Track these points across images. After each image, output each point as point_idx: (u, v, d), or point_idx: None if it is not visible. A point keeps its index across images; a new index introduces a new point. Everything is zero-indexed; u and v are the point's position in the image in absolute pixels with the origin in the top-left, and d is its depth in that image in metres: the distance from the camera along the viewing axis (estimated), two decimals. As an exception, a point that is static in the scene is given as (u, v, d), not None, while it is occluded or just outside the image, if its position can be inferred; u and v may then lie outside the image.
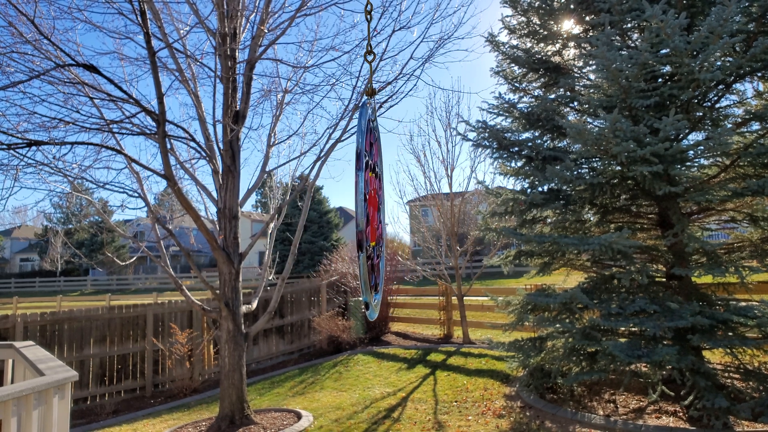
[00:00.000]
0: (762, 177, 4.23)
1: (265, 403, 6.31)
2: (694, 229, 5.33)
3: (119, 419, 6.42)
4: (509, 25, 6.25)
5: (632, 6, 4.61)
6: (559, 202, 4.99)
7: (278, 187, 7.59)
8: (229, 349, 5.28)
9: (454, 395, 5.62)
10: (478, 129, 5.62)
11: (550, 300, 4.63)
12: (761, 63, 3.98)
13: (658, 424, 4.00)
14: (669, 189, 4.04)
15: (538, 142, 5.64)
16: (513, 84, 6.22)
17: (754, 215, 4.79)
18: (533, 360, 5.11)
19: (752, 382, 4.15)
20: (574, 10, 5.56)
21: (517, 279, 16.89)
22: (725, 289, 4.72)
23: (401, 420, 4.97)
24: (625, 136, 4.03)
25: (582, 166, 5.16)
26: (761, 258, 4.42)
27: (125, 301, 20.72)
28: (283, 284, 6.09)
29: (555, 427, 4.25)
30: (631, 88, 4.25)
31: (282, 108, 6.15)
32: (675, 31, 3.88)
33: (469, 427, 4.55)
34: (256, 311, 8.30)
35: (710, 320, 3.87)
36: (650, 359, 3.83)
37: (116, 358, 7.51)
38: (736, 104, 5.02)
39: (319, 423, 5.10)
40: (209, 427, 5.18)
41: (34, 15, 3.58)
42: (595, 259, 5.29)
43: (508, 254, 5.74)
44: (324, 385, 6.89)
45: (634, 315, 4.17)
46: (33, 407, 2.81)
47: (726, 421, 3.76)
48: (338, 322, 9.28)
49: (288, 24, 5.51)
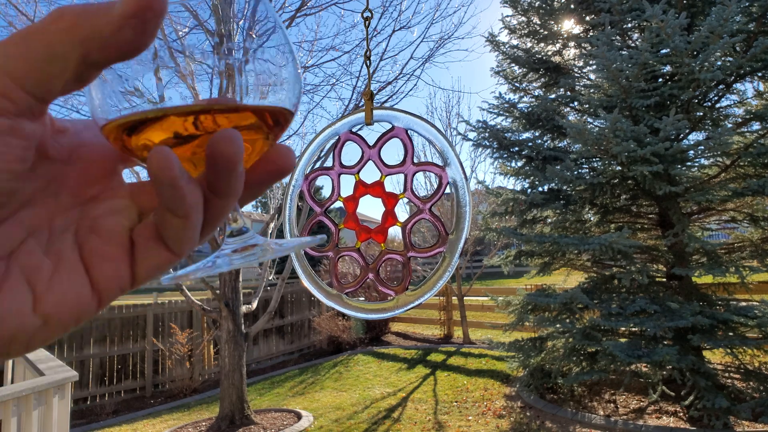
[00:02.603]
0: (762, 177, 4.23)
1: (265, 403, 6.31)
2: (695, 229, 5.33)
3: (119, 419, 6.42)
4: (509, 25, 6.25)
5: (632, 6, 4.61)
6: (560, 202, 4.99)
7: (278, 187, 7.60)
8: (229, 349, 5.29)
9: (454, 395, 5.62)
10: (479, 129, 5.62)
11: (550, 300, 4.62)
12: (761, 63, 3.98)
13: (659, 424, 4.00)
14: (669, 189, 4.03)
15: (539, 142, 5.64)
16: (513, 84, 6.22)
17: (755, 215, 4.79)
18: (533, 360, 5.11)
19: (752, 382, 4.15)
20: (574, 10, 5.56)
21: (518, 279, 16.88)
22: (725, 289, 4.72)
23: (401, 420, 4.97)
24: (626, 136, 4.03)
25: (582, 166, 5.16)
26: (761, 258, 4.42)
27: (125, 301, 20.70)
28: (283, 284, 6.09)
29: (555, 427, 4.25)
30: (632, 88, 4.25)
31: (282, 108, 6.14)
32: (675, 31, 3.88)
33: (470, 427, 4.55)
34: (256, 311, 8.30)
35: (710, 320, 3.87)
36: (650, 359, 3.83)
37: (116, 358, 7.51)
38: (736, 104, 5.02)
39: (319, 423, 5.10)
40: (209, 427, 5.18)
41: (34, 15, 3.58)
42: (596, 259, 5.29)
43: (508, 254, 5.74)
44: (324, 385, 6.89)
45: (635, 315, 4.17)
46: (33, 407, 2.82)
47: (726, 421, 3.76)
48: (338, 322, 9.28)
49: (288, 24, 5.51)
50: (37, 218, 0.25)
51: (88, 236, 0.26)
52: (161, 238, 0.26)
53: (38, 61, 0.21)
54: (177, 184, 0.23)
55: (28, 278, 0.23)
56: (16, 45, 0.21)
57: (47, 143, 0.25)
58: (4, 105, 0.21)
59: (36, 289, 0.23)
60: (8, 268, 0.23)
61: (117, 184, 0.29)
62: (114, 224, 0.26)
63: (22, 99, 0.21)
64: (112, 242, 0.26)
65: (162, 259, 0.27)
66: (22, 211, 0.24)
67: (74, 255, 0.25)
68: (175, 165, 0.23)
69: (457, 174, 0.84)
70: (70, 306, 0.24)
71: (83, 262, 0.25)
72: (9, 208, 0.23)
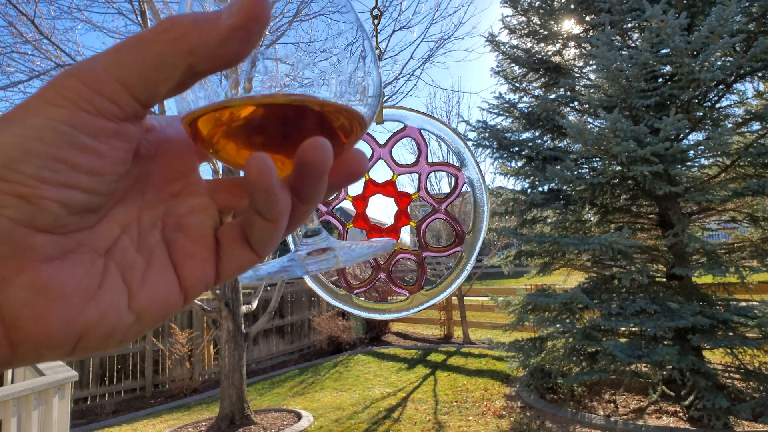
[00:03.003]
0: (762, 177, 4.23)
1: (265, 403, 6.31)
2: (695, 229, 5.33)
3: (119, 419, 6.42)
4: (509, 25, 6.25)
5: (632, 6, 4.61)
6: (560, 202, 4.99)
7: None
8: (229, 349, 5.28)
9: (454, 395, 5.62)
10: (479, 129, 5.62)
11: (550, 300, 4.63)
12: (761, 63, 3.98)
13: (659, 425, 4.00)
14: (669, 189, 4.04)
15: (539, 142, 5.64)
16: (513, 84, 6.22)
17: (755, 215, 4.79)
18: (533, 360, 5.11)
19: (753, 382, 4.15)
20: (574, 10, 5.56)
21: (518, 279, 16.88)
22: (725, 289, 4.72)
23: (401, 420, 4.97)
24: (626, 136, 4.03)
25: (582, 166, 5.16)
26: (761, 258, 4.42)
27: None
28: (283, 284, 6.09)
29: (555, 428, 4.25)
30: (632, 88, 4.25)
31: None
32: (675, 31, 3.88)
33: (470, 427, 4.55)
34: (256, 311, 8.30)
35: (710, 320, 3.87)
36: (650, 359, 3.83)
37: (116, 358, 7.51)
38: (736, 104, 5.02)
39: (319, 423, 5.10)
40: (209, 427, 5.18)
41: (34, 15, 3.58)
42: (596, 259, 5.29)
43: (508, 254, 5.74)
44: (324, 385, 6.89)
45: (635, 315, 4.17)
46: (33, 407, 2.82)
47: (726, 422, 3.76)
48: (338, 322, 9.28)
49: (287, 27, 5.52)
50: (128, 215, 0.26)
51: (175, 234, 0.27)
52: (246, 238, 0.27)
53: (148, 69, 0.22)
54: (273, 191, 0.24)
55: (123, 275, 0.24)
56: (128, 52, 0.22)
57: (140, 143, 0.26)
58: (113, 110, 0.22)
59: (131, 286, 0.24)
60: (106, 266, 0.23)
61: (196, 181, 0.29)
62: (199, 223, 0.27)
63: (129, 104, 0.22)
64: (198, 241, 0.27)
65: (246, 259, 0.28)
66: (115, 209, 0.25)
67: (163, 252, 0.26)
68: (273, 172, 0.23)
69: (474, 174, 0.84)
70: (161, 302, 0.25)
71: (171, 260, 0.26)
72: (108, 208, 0.24)
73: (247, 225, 0.27)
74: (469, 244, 0.84)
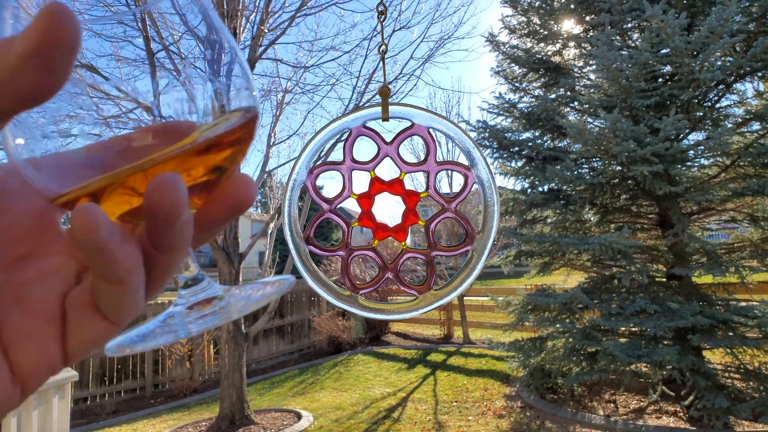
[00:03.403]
0: (762, 177, 4.23)
1: (265, 403, 6.31)
2: (695, 229, 5.33)
3: (119, 419, 6.42)
4: (509, 25, 6.25)
5: (632, 6, 4.61)
6: (559, 202, 4.99)
7: (278, 187, 7.60)
8: (229, 349, 5.28)
9: (454, 395, 5.62)
10: (479, 129, 5.62)
11: (550, 300, 4.63)
12: (761, 63, 3.98)
13: (659, 424, 4.00)
14: (669, 189, 4.04)
15: (539, 142, 5.64)
16: (513, 84, 6.22)
17: (755, 215, 4.79)
18: (533, 360, 5.11)
19: (752, 382, 4.15)
20: (574, 10, 5.56)
21: (518, 279, 16.87)
22: (725, 289, 4.72)
23: (401, 420, 4.97)
24: (626, 136, 4.03)
25: (582, 166, 5.17)
26: (761, 258, 4.42)
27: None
28: (283, 284, 6.08)
29: (555, 427, 4.25)
30: (632, 88, 4.25)
31: (282, 108, 6.15)
32: (675, 31, 3.88)
33: (470, 427, 4.55)
34: (256, 311, 8.30)
35: (710, 320, 3.87)
36: (650, 359, 3.83)
37: (116, 358, 7.50)
38: (736, 104, 5.03)
39: (319, 423, 5.09)
40: (209, 427, 5.17)
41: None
42: (596, 259, 5.29)
43: (508, 254, 5.74)
44: (324, 385, 6.89)
45: (635, 315, 4.17)
46: (33, 407, 2.81)
47: (726, 421, 3.76)
48: (338, 322, 9.28)
49: (288, 24, 5.52)
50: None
51: (9, 310, 0.22)
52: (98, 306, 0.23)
53: None
54: (105, 248, 0.20)
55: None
56: None
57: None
58: None
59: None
60: None
61: (52, 237, 0.24)
62: (44, 292, 0.22)
63: None
64: (38, 316, 0.22)
65: (98, 330, 0.23)
66: None
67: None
68: (102, 226, 0.19)
69: (484, 174, 0.83)
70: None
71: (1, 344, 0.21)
72: None
73: (93, 289, 0.22)
74: (479, 243, 0.84)
